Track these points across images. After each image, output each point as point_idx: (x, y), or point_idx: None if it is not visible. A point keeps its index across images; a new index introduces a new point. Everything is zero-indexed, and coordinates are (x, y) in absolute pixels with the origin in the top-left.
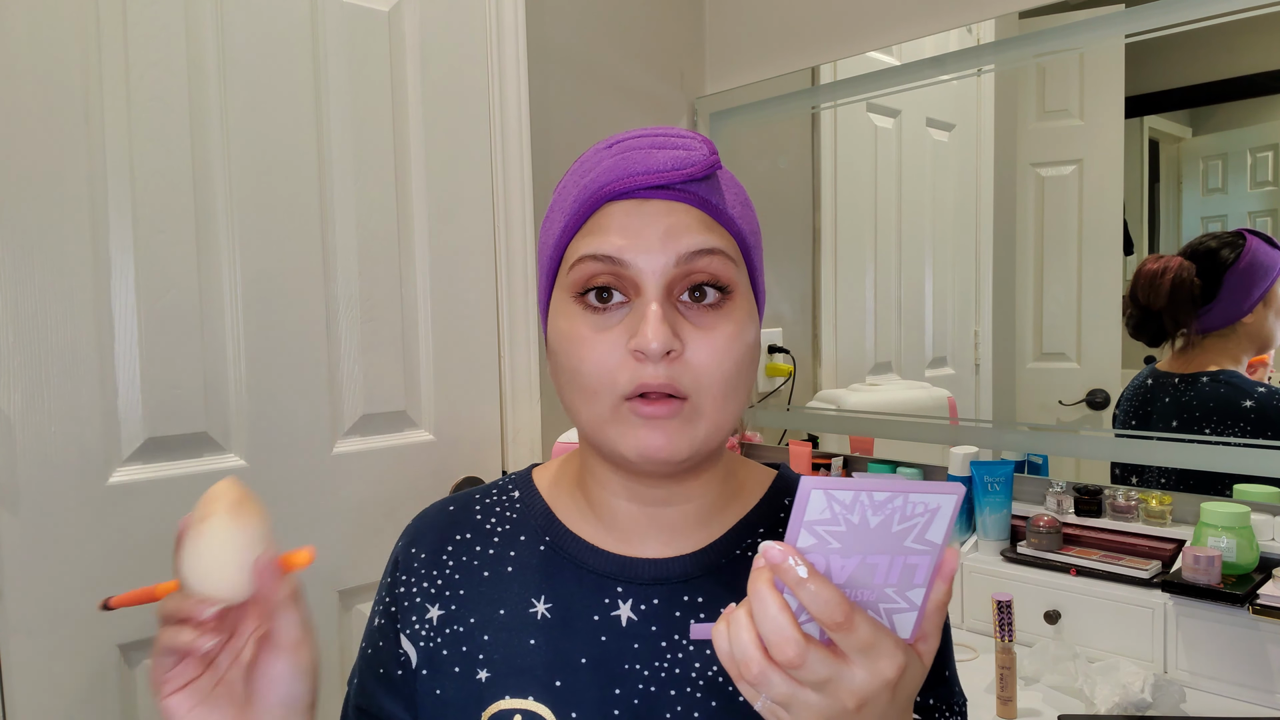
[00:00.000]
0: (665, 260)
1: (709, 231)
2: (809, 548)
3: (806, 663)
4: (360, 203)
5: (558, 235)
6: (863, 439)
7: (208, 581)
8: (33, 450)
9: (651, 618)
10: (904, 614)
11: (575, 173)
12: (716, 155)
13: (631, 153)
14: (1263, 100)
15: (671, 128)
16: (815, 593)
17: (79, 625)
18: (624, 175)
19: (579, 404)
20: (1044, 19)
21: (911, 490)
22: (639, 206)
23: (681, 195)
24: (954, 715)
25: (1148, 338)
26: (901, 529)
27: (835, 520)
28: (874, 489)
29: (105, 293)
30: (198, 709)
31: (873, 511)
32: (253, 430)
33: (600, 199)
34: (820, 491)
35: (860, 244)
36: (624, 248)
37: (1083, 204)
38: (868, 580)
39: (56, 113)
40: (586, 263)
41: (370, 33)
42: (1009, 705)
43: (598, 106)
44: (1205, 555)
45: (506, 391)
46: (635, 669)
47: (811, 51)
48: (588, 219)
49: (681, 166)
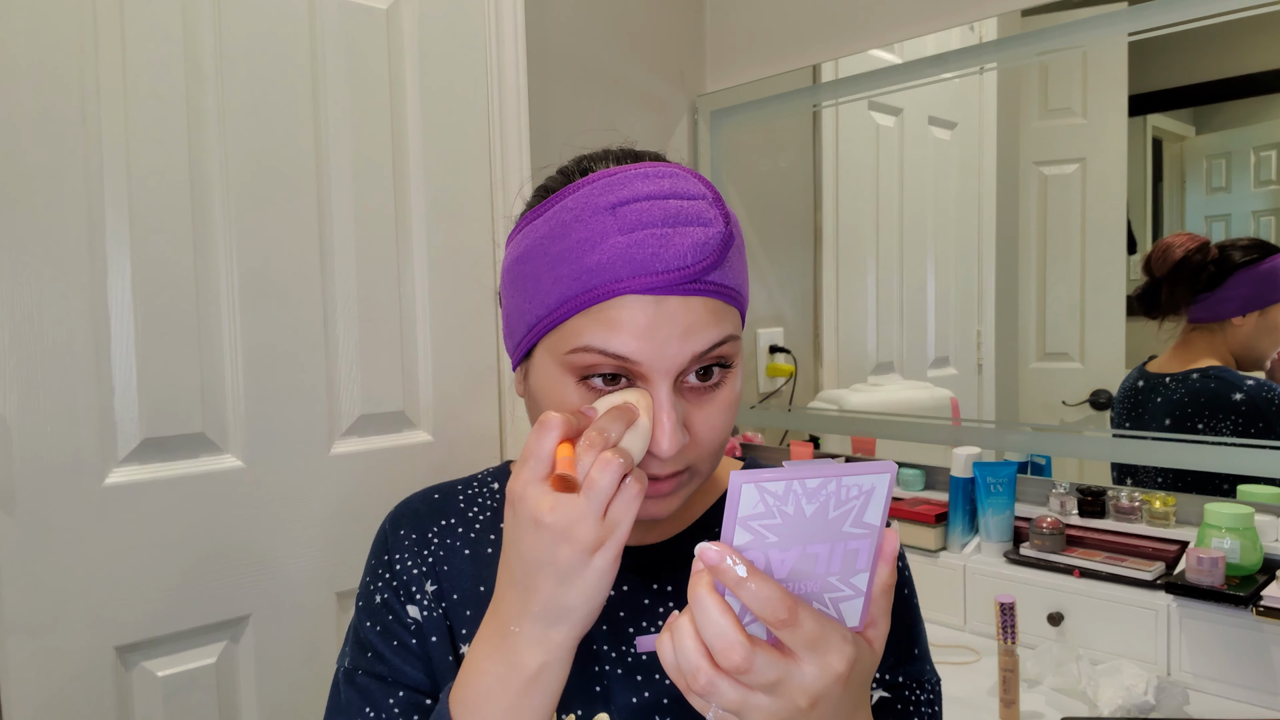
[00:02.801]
0: (679, 360)
1: (722, 321)
2: (746, 545)
3: (754, 666)
4: (358, 202)
5: (556, 302)
6: (864, 439)
7: (637, 453)
8: (29, 451)
9: (620, 603)
10: (850, 601)
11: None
12: (730, 225)
13: (645, 234)
14: (1266, 99)
15: (678, 180)
16: (756, 591)
17: (75, 627)
18: (641, 271)
19: None
20: (1046, 17)
21: (843, 474)
22: (656, 305)
23: (699, 289)
24: (924, 693)
25: (1145, 307)
26: (838, 514)
27: (770, 513)
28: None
29: (102, 292)
30: None
31: (807, 500)
32: (250, 431)
33: (614, 293)
34: (751, 485)
35: (862, 243)
36: (638, 350)
37: (1086, 203)
38: (810, 571)
39: (53, 111)
40: (591, 354)
41: (368, 31)
42: (1011, 708)
43: (598, 106)
44: (1209, 556)
45: (505, 392)
46: (604, 650)
47: (813, 49)
48: (594, 303)
49: (702, 259)
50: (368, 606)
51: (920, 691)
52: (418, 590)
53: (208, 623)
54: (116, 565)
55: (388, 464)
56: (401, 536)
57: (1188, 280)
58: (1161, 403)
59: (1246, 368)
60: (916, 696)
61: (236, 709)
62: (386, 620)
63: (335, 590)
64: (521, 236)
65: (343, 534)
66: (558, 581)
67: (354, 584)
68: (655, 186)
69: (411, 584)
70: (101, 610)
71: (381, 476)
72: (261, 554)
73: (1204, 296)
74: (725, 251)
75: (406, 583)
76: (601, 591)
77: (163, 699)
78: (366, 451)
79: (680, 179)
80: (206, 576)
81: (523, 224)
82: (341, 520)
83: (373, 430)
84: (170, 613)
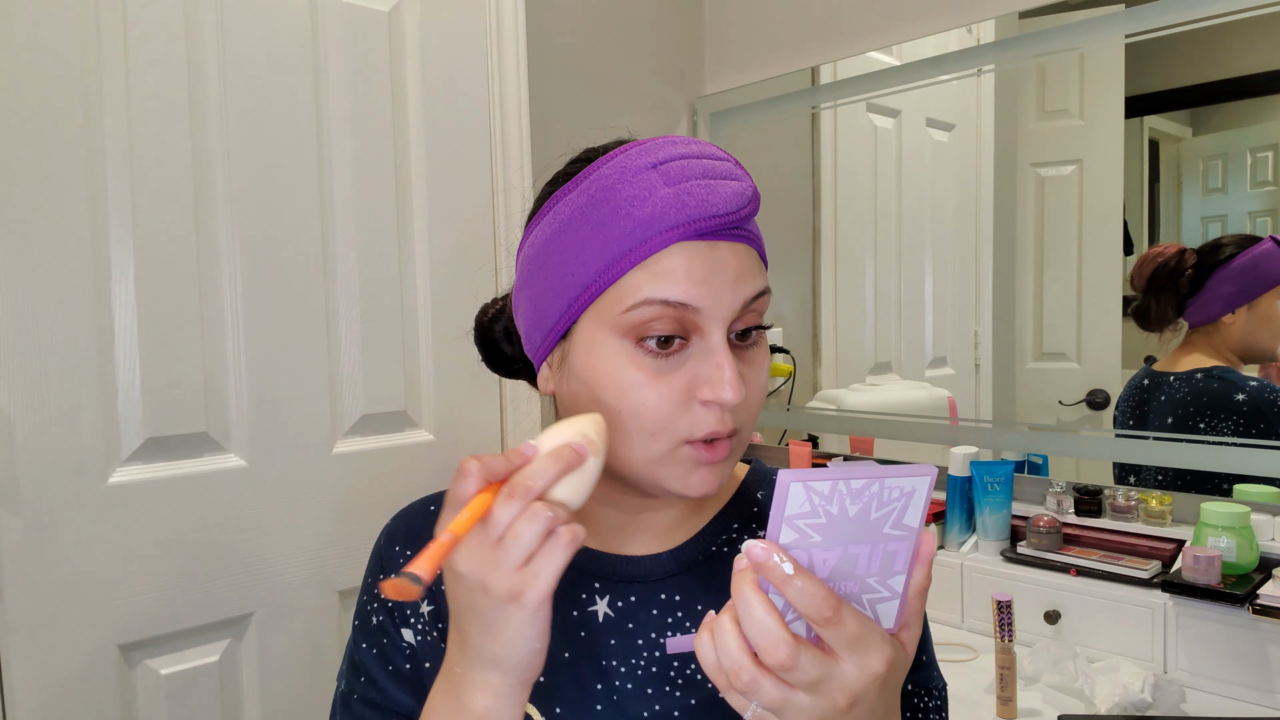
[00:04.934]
0: (734, 306)
1: (760, 270)
2: (791, 543)
3: (798, 664)
4: (360, 202)
5: (605, 264)
6: (863, 439)
7: (573, 500)
8: (33, 450)
9: (629, 615)
10: (886, 603)
11: (613, 194)
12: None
13: (691, 185)
14: (1263, 100)
15: (705, 144)
16: (802, 589)
17: (79, 625)
18: (696, 217)
19: (630, 444)
20: (1044, 19)
21: (886, 475)
22: (710, 250)
23: (743, 236)
24: (933, 699)
25: (1142, 321)
26: (879, 515)
27: (815, 513)
28: (850, 477)
29: (105, 292)
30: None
31: (851, 500)
32: (253, 430)
33: (668, 240)
34: (799, 484)
35: (860, 244)
36: (698, 295)
37: (1083, 204)
38: (849, 571)
39: (56, 112)
40: (652, 307)
41: (370, 33)
42: (1009, 705)
43: (598, 106)
44: (1205, 555)
45: (506, 391)
46: (613, 665)
47: (811, 51)
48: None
49: (743, 205)
50: (364, 627)
51: (929, 699)
52: (411, 613)
53: (210, 621)
54: (120, 564)
55: (390, 463)
56: (396, 553)
57: (1169, 288)
58: (1165, 401)
59: (1252, 362)
60: (926, 704)
61: (239, 707)
62: (381, 643)
63: (337, 589)
64: (552, 216)
65: (345, 533)
66: (483, 630)
67: (356, 582)
68: (688, 149)
69: (405, 605)
70: (105, 608)
71: (383, 476)
72: (264, 553)
73: (1190, 301)
74: (758, 204)
75: (401, 604)
76: (526, 641)
77: (165, 697)
78: (369, 451)
79: (706, 145)
80: (209, 575)
81: (548, 206)
82: (343, 519)
83: (375, 430)
84: (173, 611)
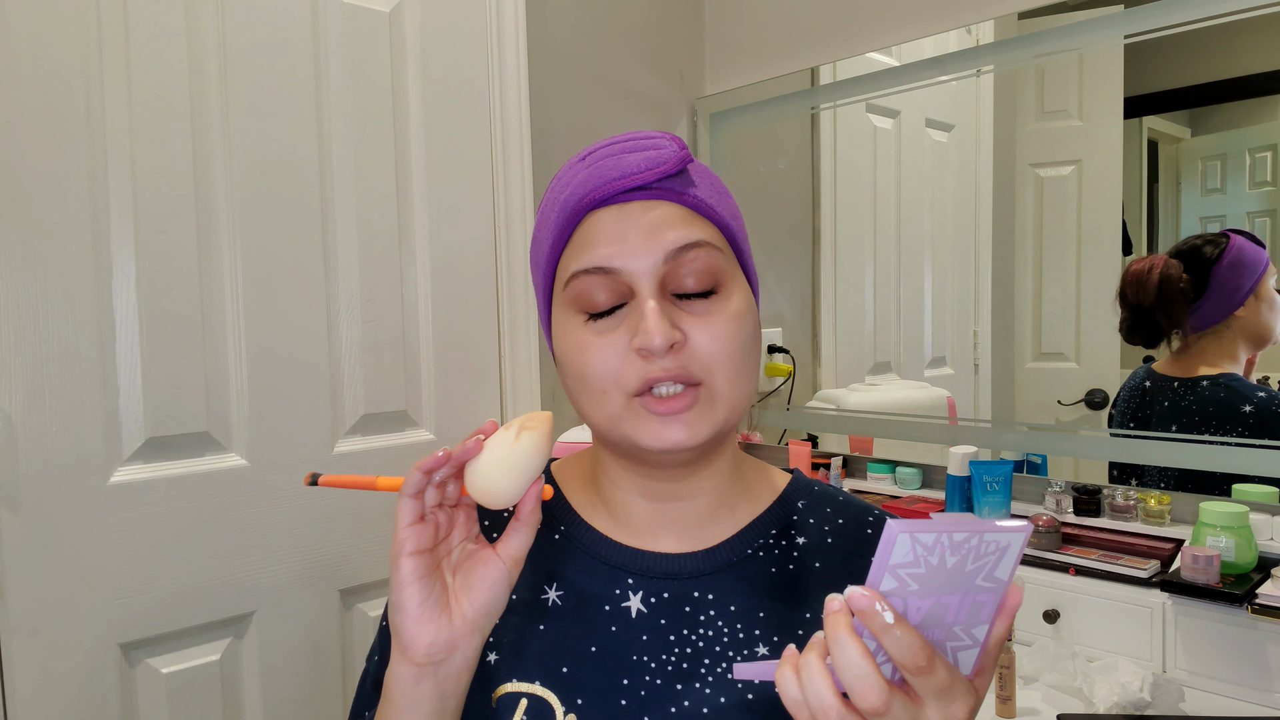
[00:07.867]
0: (654, 259)
1: (691, 224)
2: (890, 590)
3: (891, 709)
4: (361, 203)
5: (547, 253)
6: (862, 439)
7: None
8: (34, 450)
9: (661, 611)
10: (967, 650)
11: (554, 190)
12: (687, 149)
13: (604, 160)
14: (1261, 100)
15: (640, 131)
16: (900, 638)
17: (80, 624)
18: (600, 183)
19: (591, 407)
20: (1043, 20)
21: (986, 530)
22: (619, 211)
23: (659, 193)
24: None
25: (1143, 338)
26: (974, 568)
27: (917, 563)
28: (954, 529)
29: (107, 293)
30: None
31: (950, 552)
32: (254, 430)
33: (580, 210)
34: (907, 535)
35: (860, 244)
36: (612, 255)
37: (1082, 204)
38: (939, 619)
39: (58, 113)
40: (580, 279)
41: (371, 33)
42: (1008, 704)
43: (598, 106)
44: (1204, 555)
45: (507, 391)
46: (643, 660)
47: (811, 52)
48: (573, 233)
49: (654, 165)
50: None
51: None
52: None
53: (211, 620)
54: (121, 563)
55: (391, 463)
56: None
57: (1176, 298)
58: (1169, 407)
59: (1263, 347)
60: None
61: (240, 706)
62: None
63: (338, 588)
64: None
65: (346, 532)
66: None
67: (357, 582)
68: (622, 139)
69: None
70: (106, 607)
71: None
72: (265, 552)
73: (1197, 305)
74: (682, 165)
75: None
76: (399, 609)
77: (167, 696)
78: (369, 450)
79: (649, 133)
80: (210, 574)
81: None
82: (345, 519)
83: (375, 429)
84: (174, 610)
